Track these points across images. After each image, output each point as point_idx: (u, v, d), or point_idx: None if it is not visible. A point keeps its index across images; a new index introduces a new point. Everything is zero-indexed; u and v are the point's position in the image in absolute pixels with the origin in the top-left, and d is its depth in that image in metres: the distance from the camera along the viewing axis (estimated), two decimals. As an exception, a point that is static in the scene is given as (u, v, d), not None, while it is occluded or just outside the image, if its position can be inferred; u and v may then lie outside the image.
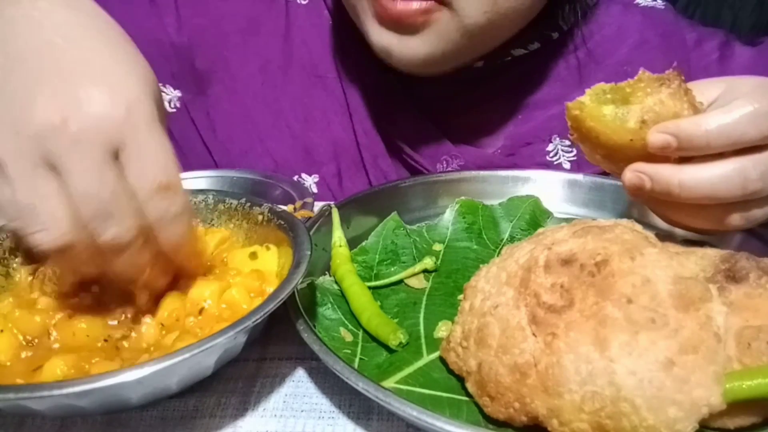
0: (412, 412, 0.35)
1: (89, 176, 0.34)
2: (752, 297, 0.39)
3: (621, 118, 0.44)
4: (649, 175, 0.44)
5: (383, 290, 0.53)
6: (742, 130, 0.41)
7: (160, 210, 0.37)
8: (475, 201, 0.62)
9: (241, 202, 0.53)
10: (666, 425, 0.34)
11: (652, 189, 0.44)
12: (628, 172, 0.44)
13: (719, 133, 0.41)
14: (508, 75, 0.75)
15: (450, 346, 0.43)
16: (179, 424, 0.41)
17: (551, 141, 0.76)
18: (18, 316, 0.43)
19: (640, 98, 0.44)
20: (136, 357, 0.40)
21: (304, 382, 0.44)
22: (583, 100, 0.45)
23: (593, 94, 0.45)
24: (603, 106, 0.45)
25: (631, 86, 0.44)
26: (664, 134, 0.42)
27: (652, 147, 0.43)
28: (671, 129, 0.42)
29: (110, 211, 0.35)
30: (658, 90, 0.44)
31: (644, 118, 0.44)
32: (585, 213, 0.63)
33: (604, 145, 0.46)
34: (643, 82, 0.44)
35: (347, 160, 0.78)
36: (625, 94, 0.44)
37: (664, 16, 0.78)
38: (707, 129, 0.41)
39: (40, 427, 0.42)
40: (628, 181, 0.45)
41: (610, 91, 0.44)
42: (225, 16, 0.78)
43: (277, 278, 0.47)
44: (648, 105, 0.44)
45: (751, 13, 1.16)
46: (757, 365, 0.36)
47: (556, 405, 0.36)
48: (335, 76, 0.77)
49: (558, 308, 0.39)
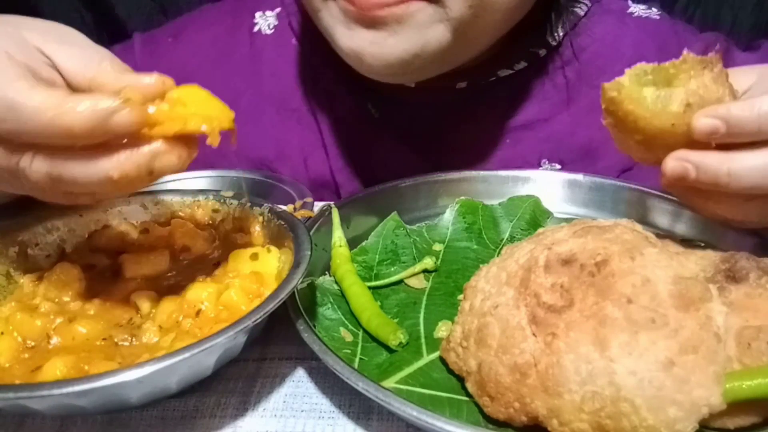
0: (412, 412, 0.35)
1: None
2: (752, 297, 0.39)
3: (663, 100, 0.41)
4: (695, 163, 0.41)
5: (383, 290, 0.53)
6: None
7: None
8: (475, 201, 0.62)
9: (242, 202, 0.53)
10: (666, 425, 0.34)
11: (697, 178, 0.41)
12: (671, 160, 0.41)
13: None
14: (494, 97, 0.71)
15: (450, 346, 0.43)
16: (179, 424, 0.41)
17: (540, 165, 0.73)
18: (19, 319, 0.43)
19: (684, 80, 0.41)
20: (136, 357, 0.40)
21: (304, 382, 0.44)
22: (622, 81, 0.42)
23: (633, 75, 0.42)
24: (644, 87, 0.42)
25: (675, 67, 0.41)
26: (713, 119, 0.39)
27: (700, 132, 0.40)
28: (721, 113, 0.39)
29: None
30: (701, 73, 0.41)
31: (689, 101, 0.41)
32: (585, 213, 0.63)
33: (642, 130, 0.42)
34: (687, 63, 0.41)
35: (327, 198, 0.72)
36: (668, 75, 0.41)
37: (660, 27, 0.74)
38: (759, 113, 0.38)
39: (40, 427, 0.41)
40: (671, 170, 0.41)
41: (652, 72, 0.42)
42: (189, 55, 0.75)
43: (276, 280, 0.47)
44: (692, 88, 0.41)
45: (751, 13, 1.16)
46: (757, 365, 0.36)
47: (556, 405, 0.36)
48: (307, 108, 0.73)
49: (558, 308, 0.39)
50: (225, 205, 0.54)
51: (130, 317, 0.45)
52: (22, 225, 0.50)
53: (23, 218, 0.51)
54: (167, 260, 0.50)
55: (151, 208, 0.54)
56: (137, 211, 0.54)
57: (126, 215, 0.54)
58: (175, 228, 0.53)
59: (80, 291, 0.47)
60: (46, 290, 0.47)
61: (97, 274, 0.49)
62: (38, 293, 0.47)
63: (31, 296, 0.47)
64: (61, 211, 0.51)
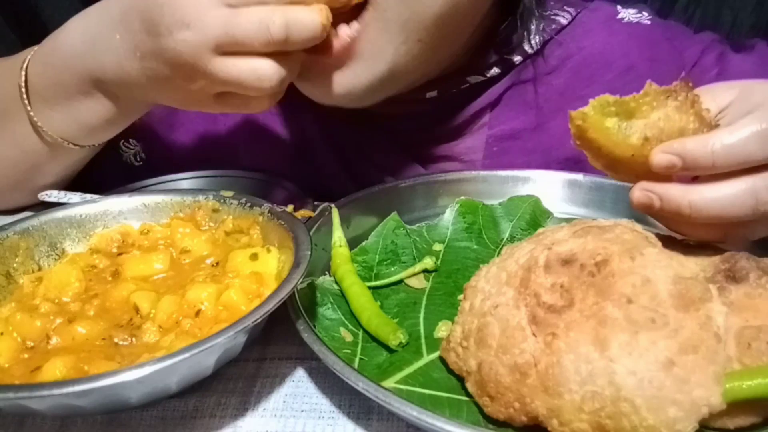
0: (412, 412, 0.35)
1: None
2: (752, 297, 0.39)
3: (624, 132, 0.43)
4: (659, 194, 0.42)
5: (383, 290, 0.53)
6: (749, 151, 0.40)
7: None
8: (475, 201, 0.62)
9: (242, 202, 0.53)
10: (666, 425, 0.34)
11: (662, 208, 0.42)
12: (636, 190, 0.43)
13: (725, 154, 0.40)
14: (470, 105, 0.71)
15: (450, 346, 0.43)
16: (179, 424, 0.41)
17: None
18: (19, 319, 0.43)
19: (645, 112, 0.43)
20: (136, 357, 0.40)
21: (304, 382, 0.44)
22: (586, 111, 0.43)
23: (597, 106, 0.43)
24: (606, 118, 0.43)
25: (635, 100, 0.43)
26: (670, 155, 0.41)
27: (657, 167, 0.42)
28: (676, 149, 0.41)
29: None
30: (664, 103, 0.42)
31: (647, 135, 0.42)
32: (585, 213, 0.63)
33: (606, 157, 0.45)
34: (648, 95, 0.42)
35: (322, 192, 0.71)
36: (629, 108, 0.43)
37: (651, 34, 0.72)
38: (713, 150, 0.40)
39: (40, 427, 0.42)
40: (636, 199, 0.43)
41: (614, 103, 0.43)
42: None
43: (276, 280, 0.47)
44: (652, 120, 0.42)
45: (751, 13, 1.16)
46: (757, 365, 0.36)
47: (556, 405, 0.36)
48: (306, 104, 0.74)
49: (558, 308, 0.39)
50: (225, 205, 0.54)
51: (130, 317, 0.45)
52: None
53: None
54: (167, 261, 0.50)
55: (151, 208, 0.54)
56: (137, 211, 0.54)
57: (126, 215, 0.54)
58: (174, 228, 0.53)
59: (80, 291, 0.47)
60: (46, 291, 0.47)
61: (97, 274, 0.49)
62: (38, 294, 0.47)
63: (31, 296, 0.47)
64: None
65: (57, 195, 0.67)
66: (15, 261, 0.49)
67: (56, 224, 0.52)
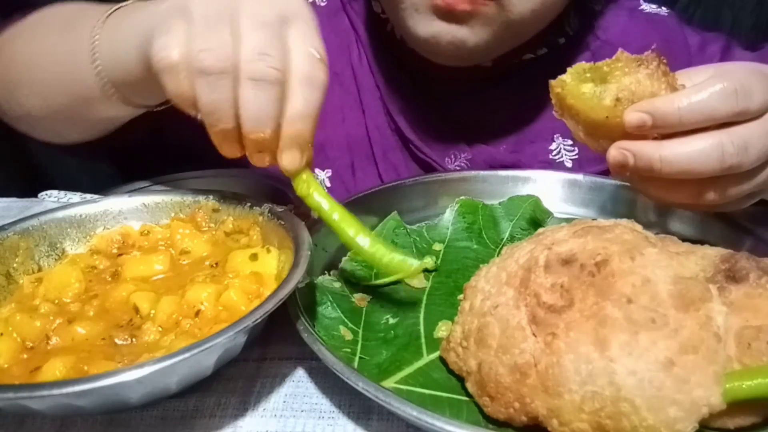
0: (412, 412, 0.35)
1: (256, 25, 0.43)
2: (752, 297, 0.39)
3: (598, 96, 0.47)
4: (633, 151, 0.46)
5: (383, 290, 0.53)
6: (713, 107, 0.44)
7: (308, 70, 0.43)
8: (475, 201, 0.62)
9: (242, 203, 0.53)
10: (666, 425, 0.34)
11: (635, 165, 0.46)
12: (613, 149, 0.47)
13: (691, 110, 0.44)
14: (516, 78, 0.77)
15: (450, 346, 0.43)
16: (179, 424, 0.41)
17: (554, 140, 0.78)
18: (19, 320, 0.43)
19: (618, 77, 0.46)
20: (136, 357, 0.40)
21: (304, 382, 0.44)
22: (564, 78, 0.47)
23: (574, 73, 0.47)
24: (582, 84, 0.47)
25: (608, 65, 0.46)
26: (640, 113, 0.45)
27: (629, 126, 0.45)
28: (645, 107, 0.45)
29: (268, 51, 0.42)
30: (636, 70, 0.46)
31: (619, 96, 0.46)
32: (585, 213, 0.63)
33: (584, 122, 0.48)
34: (621, 62, 0.46)
35: (360, 154, 0.79)
36: (603, 73, 0.46)
37: (667, 22, 0.80)
38: (679, 106, 0.44)
39: (40, 427, 0.41)
40: (613, 158, 0.47)
41: (590, 70, 0.47)
42: None
43: (276, 280, 0.47)
44: (624, 84, 0.46)
45: (751, 13, 1.16)
46: (757, 365, 0.36)
47: (556, 405, 0.36)
48: (350, 74, 0.79)
49: (558, 308, 0.39)
50: (225, 205, 0.54)
51: (129, 318, 0.45)
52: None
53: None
54: (167, 261, 0.50)
55: (151, 208, 0.54)
56: (137, 211, 0.54)
57: (126, 215, 0.54)
58: (174, 229, 0.52)
59: (80, 292, 0.47)
60: (46, 291, 0.47)
61: (97, 275, 0.49)
62: (38, 294, 0.47)
63: (31, 297, 0.47)
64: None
65: (57, 195, 0.68)
66: (15, 261, 0.49)
67: (56, 224, 0.52)
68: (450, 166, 0.77)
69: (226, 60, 0.42)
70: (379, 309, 0.50)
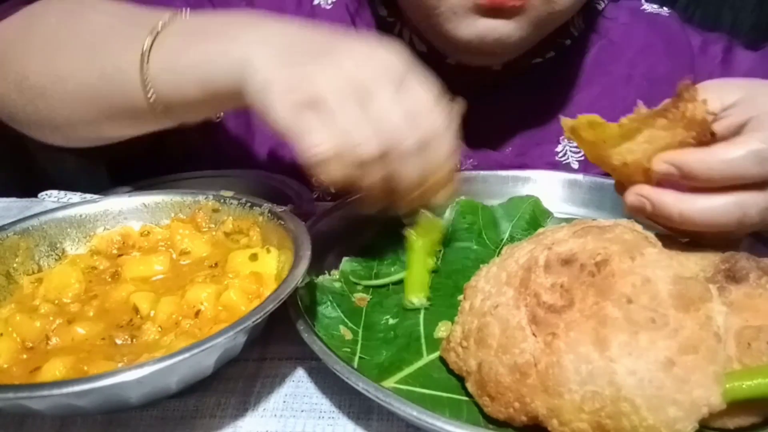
0: (412, 412, 0.35)
1: (390, 99, 0.45)
2: (752, 297, 0.39)
3: (606, 151, 0.45)
4: (651, 201, 0.44)
5: (383, 290, 0.53)
6: (745, 168, 0.41)
7: (436, 121, 0.46)
8: (475, 201, 0.62)
9: (242, 203, 0.53)
10: (666, 425, 0.34)
11: (653, 213, 0.45)
12: (630, 194, 0.46)
13: (722, 170, 0.42)
14: (523, 81, 0.77)
15: (450, 346, 0.43)
16: (179, 424, 0.41)
17: (560, 142, 0.78)
18: (18, 320, 0.43)
19: (632, 134, 0.44)
20: (136, 357, 0.40)
21: (304, 382, 0.44)
22: (574, 125, 0.46)
23: (586, 123, 0.45)
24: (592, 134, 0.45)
25: (621, 127, 0.44)
26: (669, 165, 0.43)
27: (657, 174, 0.44)
28: (676, 160, 0.43)
29: (401, 126, 0.44)
30: (652, 124, 0.43)
31: (626, 161, 0.45)
32: (585, 213, 0.63)
33: (597, 160, 0.47)
34: (636, 121, 0.44)
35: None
36: (614, 133, 0.44)
37: (669, 22, 0.81)
38: (710, 166, 0.42)
39: (40, 427, 0.42)
40: (630, 203, 0.46)
41: (600, 126, 0.45)
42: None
43: (276, 280, 0.47)
44: (636, 142, 0.44)
45: (751, 13, 1.16)
46: (757, 365, 0.37)
47: (556, 405, 0.36)
48: None
49: (558, 308, 0.39)
50: (225, 206, 0.54)
51: (129, 318, 0.45)
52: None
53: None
54: (167, 262, 0.50)
55: (151, 208, 0.54)
56: (137, 211, 0.54)
57: (126, 215, 0.54)
58: (174, 229, 0.53)
59: (80, 292, 0.47)
60: (45, 292, 0.47)
61: (97, 275, 0.49)
62: (38, 294, 0.47)
63: (31, 297, 0.47)
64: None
65: (57, 195, 0.68)
66: (15, 261, 0.49)
67: (56, 224, 0.52)
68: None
69: (379, 147, 0.44)
70: (379, 309, 0.50)
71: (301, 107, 0.44)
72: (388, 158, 0.45)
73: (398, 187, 0.47)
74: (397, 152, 0.44)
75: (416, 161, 0.45)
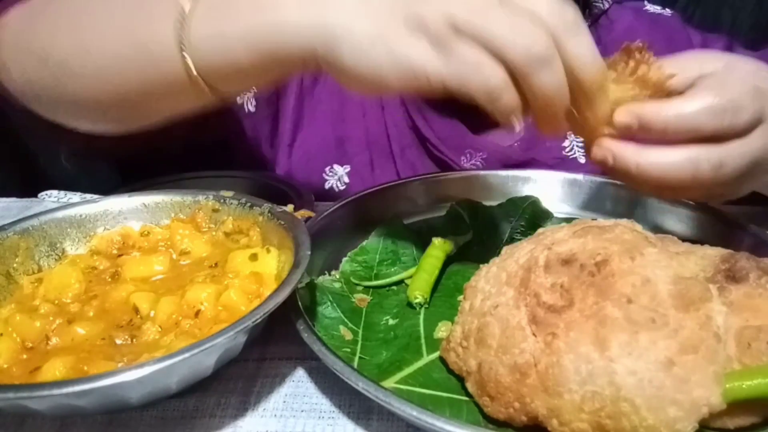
0: (412, 412, 0.35)
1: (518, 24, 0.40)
2: (752, 297, 0.39)
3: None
4: (613, 152, 0.46)
5: (383, 290, 0.53)
6: (699, 122, 0.43)
7: (567, 14, 0.42)
8: (474, 201, 0.62)
9: (242, 203, 0.53)
10: (666, 425, 0.34)
11: (614, 165, 0.46)
12: (596, 147, 0.47)
13: (676, 122, 0.43)
14: None
15: (450, 346, 0.43)
16: (179, 424, 0.41)
17: (567, 137, 0.79)
18: (18, 320, 0.43)
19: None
20: (136, 357, 0.40)
21: (304, 382, 0.44)
22: None
23: None
24: None
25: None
26: (628, 115, 0.44)
27: (618, 125, 0.45)
28: (635, 112, 0.44)
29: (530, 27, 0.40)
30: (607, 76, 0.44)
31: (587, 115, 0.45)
32: (585, 213, 0.63)
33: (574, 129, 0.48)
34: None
35: (378, 150, 0.80)
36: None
37: (671, 22, 0.83)
38: (666, 116, 0.43)
39: (40, 427, 0.41)
40: (593, 156, 0.47)
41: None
42: None
43: (276, 280, 0.47)
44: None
45: (751, 13, 1.16)
46: (757, 365, 0.36)
47: (556, 405, 0.36)
48: None
49: (558, 308, 0.39)
50: (225, 206, 0.53)
51: (129, 318, 0.45)
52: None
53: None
54: (167, 262, 0.50)
55: (151, 208, 0.54)
56: (137, 211, 0.54)
57: (126, 215, 0.54)
58: (174, 229, 0.53)
59: (80, 292, 0.47)
60: (45, 292, 0.47)
61: (97, 275, 0.49)
62: (38, 294, 0.47)
63: (31, 298, 0.47)
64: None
65: (57, 195, 0.68)
66: (15, 261, 0.49)
67: (56, 224, 0.52)
68: (465, 164, 0.77)
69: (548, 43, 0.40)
70: (379, 309, 0.50)
71: (440, 45, 0.40)
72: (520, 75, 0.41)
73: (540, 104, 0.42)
74: (524, 68, 0.40)
75: (551, 76, 0.41)
